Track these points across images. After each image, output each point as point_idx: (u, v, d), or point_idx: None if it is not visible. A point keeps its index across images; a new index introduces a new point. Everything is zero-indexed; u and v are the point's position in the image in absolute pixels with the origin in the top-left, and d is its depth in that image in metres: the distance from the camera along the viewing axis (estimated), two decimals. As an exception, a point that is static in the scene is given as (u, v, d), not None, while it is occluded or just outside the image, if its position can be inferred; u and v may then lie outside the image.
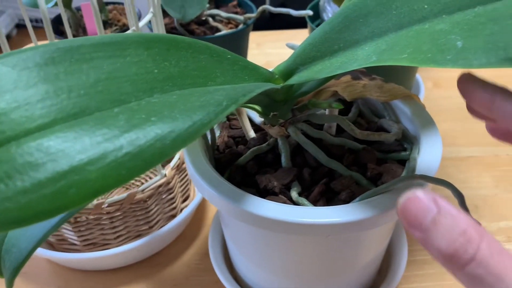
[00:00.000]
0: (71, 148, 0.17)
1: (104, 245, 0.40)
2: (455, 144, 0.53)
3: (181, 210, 0.43)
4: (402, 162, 0.31)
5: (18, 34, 1.92)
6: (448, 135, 0.54)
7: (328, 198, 0.29)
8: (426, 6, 0.23)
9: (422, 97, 0.56)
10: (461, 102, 0.65)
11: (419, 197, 0.18)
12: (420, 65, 0.21)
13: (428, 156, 0.29)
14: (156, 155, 0.17)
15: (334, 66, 0.25)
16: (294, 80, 0.27)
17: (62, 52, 0.19)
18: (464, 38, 0.20)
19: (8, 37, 1.98)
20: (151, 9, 0.33)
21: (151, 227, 0.40)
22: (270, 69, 0.28)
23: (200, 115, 0.19)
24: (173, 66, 0.22)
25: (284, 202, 0.27)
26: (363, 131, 0.30)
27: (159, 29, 0.34)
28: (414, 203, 0.18)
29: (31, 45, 0.78)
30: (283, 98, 0.29)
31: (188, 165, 0.29)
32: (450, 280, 0.39)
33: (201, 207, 0.46)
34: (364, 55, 0.24)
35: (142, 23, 0.32)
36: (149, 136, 0.18)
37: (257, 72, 0.27)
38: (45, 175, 0.16)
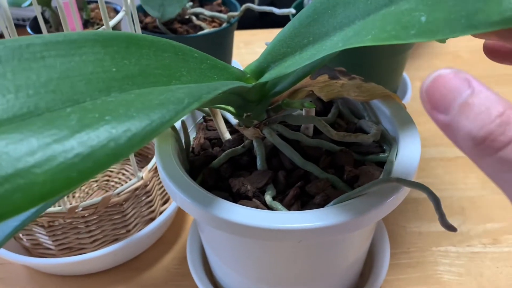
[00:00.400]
0: (16, 150, 0.16)
1: (80, 250, 0.39)
2: (443, 145, 0.52)
3: (160, 213, 0.42)
4: (381, 164, 0.30)
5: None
6: (436, 135, 0.53)
7: (303, 201, 0.28)
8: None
9: (409, 96, 0.55)
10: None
11: (449, 76, 0.16)
12: (383, 43, 0.20)
13: (406, 158, 0.28)
14: (109, 155, 0.16)
15: (303, 58, 0.24)
16: (265, 78, 0.26)
17: (10, 51, 0.18)
18: (427, 13, 0.19)
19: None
20: (123, 7, 0.33)
21: (128, 231, 0.40)
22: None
23: (158, 113, 0.18)
24: (133, 64, 0.21)
25: (257, 207, 0.27)
26: (339, 132, 0.30)
27: (133, 29, 0.33)
28: (443, 83, 0.16)
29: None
30: (256, 98, 0.28)
31: (159, 169, 0.29)
32: (434, 284, 0.38)
33: (181, 211, 0.45)
34: (332, 44, 0.23)
35: (113, 22, 0.31)
36: (102, 136, 0.17)
37: (227, 72, 0.26)
38: (-14, 179, 0.15)
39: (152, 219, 0.41)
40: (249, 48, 0.72)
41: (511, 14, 0.16)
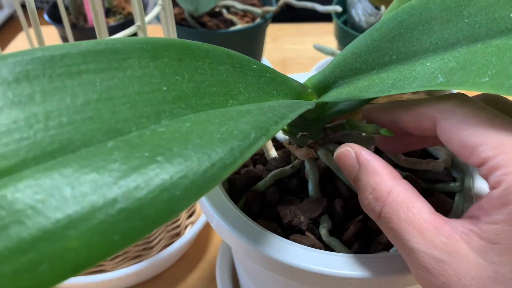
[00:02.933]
0: (45, 203, 0.12)
1: (99, 266, 0.35)
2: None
3: (186, 227, 0.38)
4: (449, 194, 0.26)
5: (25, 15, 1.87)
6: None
7: (365, 239, 0.24)
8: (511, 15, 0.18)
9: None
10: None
11: (347, 153, 0.20)
12: (508, 94, 0.16)
13: (485, 192, 0.24)
14: (161, 211, 0.13)
15: (386, 83, 0.20)
16: (331, 96, 0.22)
17: (40, 64, 0.14)
18: None
19: (12, 17, 1.93)
20: (160, 1, 0.28)
21: (151, 248, 0.36)
22: (286, 67, 0.23)
23: (221, 152, 0.14)
24: (187, 81, 0.17)
25: (313, 244, 0.23)
26: (409, 158, 0.26)
27: (169, 25, 0.29)
28: (343, 158, 0.20)
29: (21, 36, 0.73)
30: (315, 117, 0.24)
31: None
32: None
33: (207, 225, 0.41)
34: (426, 73, 0.19)
35: (148, 17, 0.27)
36: (153, 184, 0.13)
37: (286, 86, 0.22)
38: (6, 244, 0.11)
39: (177, 234, 0.37)
40: (276, 44, 0.68)
41: None
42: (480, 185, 0.25)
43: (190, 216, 0.39)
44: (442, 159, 0.26)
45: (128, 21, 0.50)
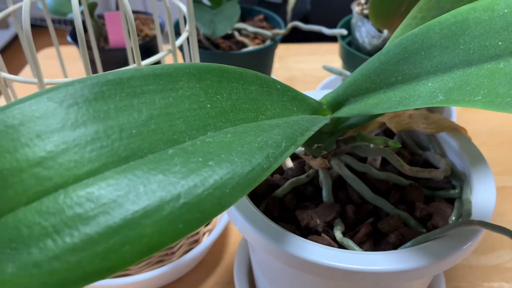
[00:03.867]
0: (124, 198, 0.15)
1: (125, 270, 0.38)
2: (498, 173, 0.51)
3: (204, 234, 0.41)
4: (450, 201, 0.29)
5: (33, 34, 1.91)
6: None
7: (374, 239, 0.27)
8: (500, 43, 0.21)
9: (454, 120, 0.54)
10: (493, 127, 0.63)
11: None
12: (498, 110, 0.19)
13: (482, 197, 0.27)
14: (215, 205, 0.16)
15: (393, 101, 0.23)
16: (344, 112, 0.25)
17: (112, 85, 0.17)
18: None
19: (16, 37, 1.97)
20: (187, 27, 0.32)
21: (173, 253, 0.39)
22: (292, 85, 0.26)
23: (259, 158, 0.17)
24: (225, 99, 0.20)
25: (329, 243, 0.26)
26: (413, 167, 0.29)
27: (194, 48, 0.32)
28: None
29: (47, 50, 0.76)
30: (329, 130, 0.27)
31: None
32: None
33: (224, 231, 0.44)
34: (428, 92, 0.22)
35: (179, 42, 0.30)
36: (208, 184, 0.16)
37: (305, 103, 0.25)
38: (97, 229, 0.14)
39: (196, 240, 0.40)
40: (282, 63, 0.71)
41: None
42: (477, 192, 0.28)
43: (207, 224, 0.42)
44: (443, 169, 0.29)
45: (146, 43, 0.53)
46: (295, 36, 0.83)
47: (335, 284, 0.26)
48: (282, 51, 0.74)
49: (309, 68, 0.69)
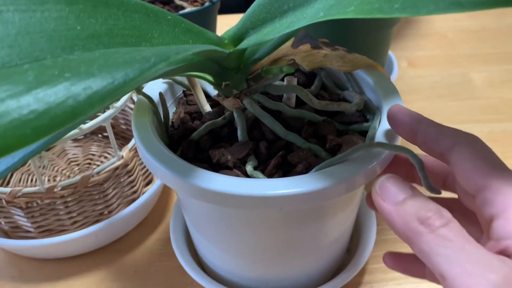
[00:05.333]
0: (-33, 105, 0.15)
1: (61, 232, 0.38)
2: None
3: (143, 194, 0.41)
4: (364, 134, 0.29)
5: None
6: (423, 114, 0.53)
7: (284, 171, 0.27)
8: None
9: (395, 76, 0.54)
10: (435, 81, 0.65)
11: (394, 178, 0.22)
12: (366, 16, 0.19)
13: (388, 125, 0.27)
14: (67, 113, 0.16)
15: (283, 26, 0.23)
16: (243, 44, 0.25)
17: (-36, 3, 0.17)
18: None
19: None
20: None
21: (110, 212, 0.39)
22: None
23: (122, 72, 0.17)
24: (100, 24, 0.20)
25: (237, 176, 0.26)
26: (322, 101, 0.29)
27: None
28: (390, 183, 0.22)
29: None
30: (235, 66, 0.27)
31: (137, 142, 0.28)
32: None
33: (165, 193, 0.44)
34: (313, 12, 0.22)
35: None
36: (60, 93, 0.16)
37: (203, 36, 0.25)
38: None
39: (135, 199, 0.40)
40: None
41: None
42: (386, 123, 0.28)
43: (147, 184, 0.42)
44: (354, 103, 0.30)
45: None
46: (245, 7, 0.83)
47: (245, 212, 0.27)
48: (233, 20, 0.73)
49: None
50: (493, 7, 0.17)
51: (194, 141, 0.29)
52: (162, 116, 0.31)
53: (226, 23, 0.73)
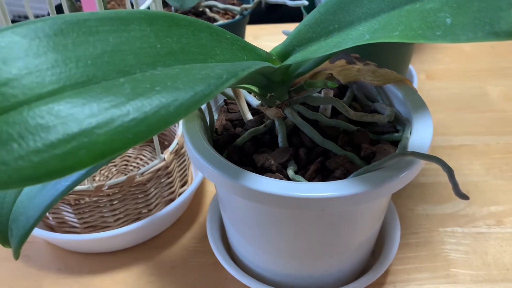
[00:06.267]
0: (80, 112, 0.17)
1: (104, 228, 0.40)
2: (448, 134, 0.54)
3: (179, 194, 0.44)
4: (395, 143, 0.32)
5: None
6: (441, 125, 0.55)
7: (323, 176, 0.30)
8: (417, -13, 0.24)
9: (415, 88, 0.57)
10: (452, 93, 0.67)
11: None
12: (411, 41, 0.22)
13: (420, 135, 0.30)
14: (160, 121, 0.18)
15: (329, 45, 0.26)
16: (290, 60, 0.28)
17: (70, 25, 0.20)
18: (452, 15, 0.21)
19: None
20: (152, -5, 0.34)
21: (150, 211, 0.41)
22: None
23: (201, 86, 0.20)
24: (175, 42, 0.23)
25: (281, 179, 0.28)
26: (357, 112, 0.31)
27: (159, 14, 0.35)
28: None
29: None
30: (280, 79, 0.30)
31: (187, 145, 0.30)
32: (442, 262, 0.40)
33: (199, 193, 0.47)
34: (358, 35, 0.25)
35: (142, 7, 0.32)
36: (154, 104, 0.18)
37: (254, 53, 0.28)
38: (56, 136, 0.17)
39: (172, 199, 0.43)
40: (257, 42, 0.74)
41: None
42: (415, 131, 0.31)
43: (183, 185, 0.45)
44: (386, 114, 0.32)
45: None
46: (271, 18, 0.86)
47: (287, 212, 0.29)
48: (257, 30, 0.77)
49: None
50: (525, 38, 0.19)
51: (238, 146, 0.32)
52: (208, 122, 0.33)
53: (250, 34, 0.77)
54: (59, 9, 0.59)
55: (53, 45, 0.19)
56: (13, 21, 0.38)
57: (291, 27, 0.82)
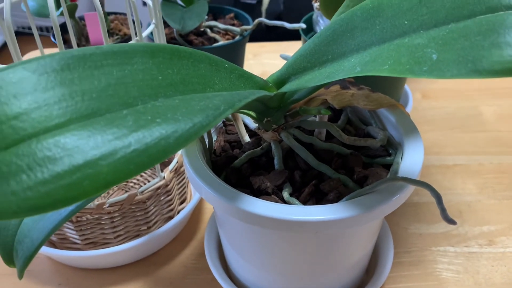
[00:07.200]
0: (85, 144, 0.19)
1: (104, 244, 0.41)
2: (442, 153, 0.55)
3: (178, 212, 0.45)
4: (387, 167, 0.33)
5: (19, 42, 1.94)
6: (435, 144, 0.56)
7: (317, 198, 0.31)
8: (406, 22, 0.25)
9: (411, 107, 0.58)
10: (447, 113, 0.69)
11: None
12: (399, 75, 0.23)
13: (411, 160, 0.31)
14: (161, 152, 0.19)
15: (323, 75, 0.27)
16: (286, 88, 0.29)
17: (76, 59, 0.21)
18: (438, 52, 0.22)
19: (5, 44, 2.00)
20: (153, 21, 0.36)
21: (149, 228, 0.42)
22: (265, 78, 0.30)
23: (200, 117, 0.21)
24: (176, 73, 0.24)
25: (276, 202, 0.29)
26: (350, 136, 0.33)
27: (161, 39, 0.36)
28: None
29: (32, 53, 0.80)
30: (276, 105, 0.31)
31: (186, 167, 0.31)
32: (434, 281, 0.41)
33: (197, 211, 0.48)
34: (350, 66, 0.26)
35: (145, 33, 0.34)
36: (155, 135, 0.20)
37: (252, 81, 0.29)
38: (62, 168, 0.18)
39: (171, 217, 0.44)
40: (257, 59, 0.76)
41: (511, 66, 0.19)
42: (407, 156, 0.32)
43: (182, 203, 0.46)
44: (379, 139, 0.33)
45: (125, 41, 0.57)
46: (271, 36, 0.88)
47: (282, 234, 0.30)
48: (257, 48, 0.78)
49: (282, 63, 0.73)
50: (506, 76, 0.20)
51: (236, 168, 0.33)
52: (207, 144, 0.35)
53: (251, 51, 0.78)
54: (63, 27, 0.60)
55: (60, 79, 0.20)
56: (16, 32, 0.39)
57: (291, 45, 0.84)
